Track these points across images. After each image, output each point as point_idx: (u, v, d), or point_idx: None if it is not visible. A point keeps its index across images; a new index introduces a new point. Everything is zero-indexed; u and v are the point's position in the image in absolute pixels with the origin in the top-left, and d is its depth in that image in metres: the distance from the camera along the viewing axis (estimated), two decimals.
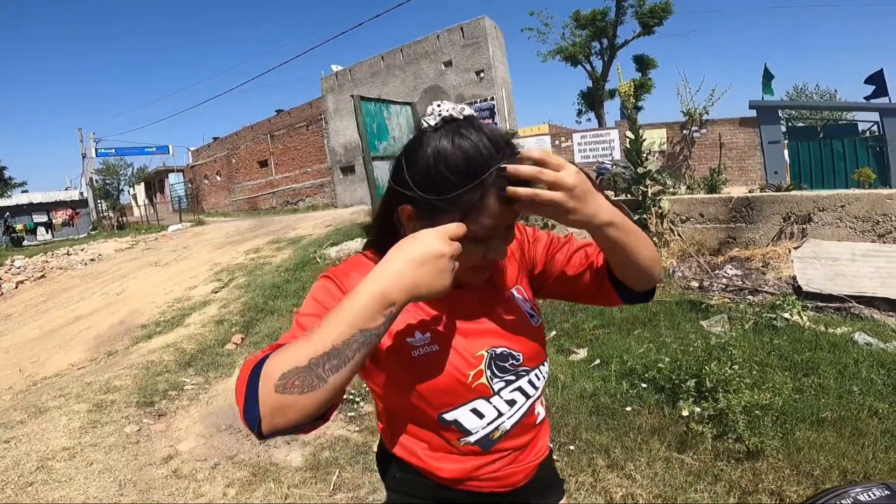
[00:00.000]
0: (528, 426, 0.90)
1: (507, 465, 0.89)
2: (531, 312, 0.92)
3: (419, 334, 0.80)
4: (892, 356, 2.94)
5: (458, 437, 0.84)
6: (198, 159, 26.61)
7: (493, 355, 0.85)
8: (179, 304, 5.77)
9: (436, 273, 0.64)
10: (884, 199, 5.26)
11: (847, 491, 0.63)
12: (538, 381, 0.91)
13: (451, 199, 0.71)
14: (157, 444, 2.82)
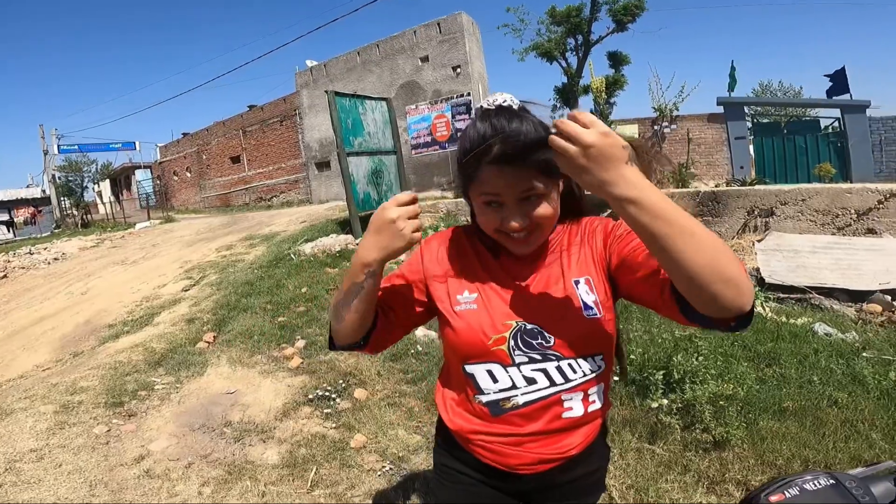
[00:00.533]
0: (549, 415, 0.91)
1: (510, 444, 0.93)
2: (589, 305, 0.89)
3: (468, 294, 0.93)
4: (850, 346, 3.06)
5: (474, 394, 0.93)
6: (166, 155, 25.93)
7: (523, 329, 0.89)
8: (148, 302, 5.63)
9: (391, 235, 0.82)
10: (843, 192, 5.47)
11: (793, 480, 0.66)
12: (572, 374, 0.90)
13: (459, 169, 0.88)
14: (127, 444, 2.76)
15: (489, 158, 0.80)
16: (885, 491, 0.65)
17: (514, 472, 0.95)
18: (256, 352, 3.85)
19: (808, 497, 0.63)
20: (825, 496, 0.63)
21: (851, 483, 0.64)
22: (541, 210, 0.84)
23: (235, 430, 2.87)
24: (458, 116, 13.03)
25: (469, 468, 1.00)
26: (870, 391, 2.56)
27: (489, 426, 0.94)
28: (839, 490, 0.64)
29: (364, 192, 7.23)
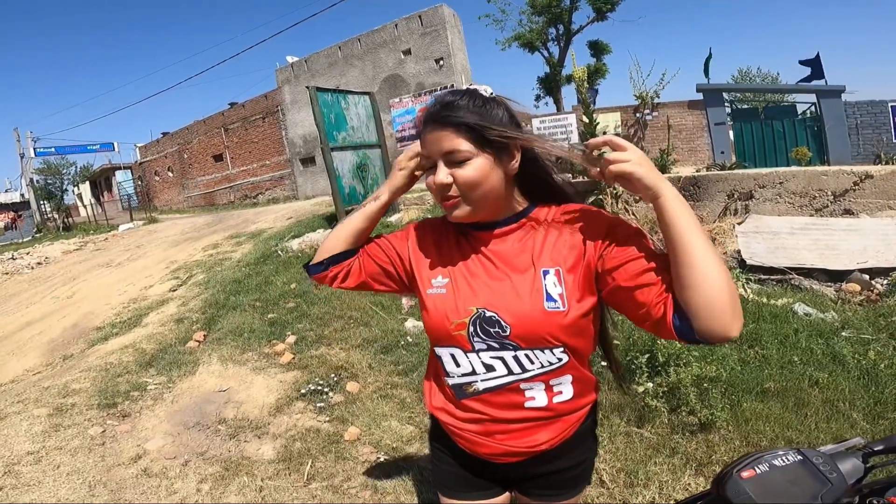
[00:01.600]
0: (509, 403, 0.92)
1: (478, 432, 0.95)
2: (553, 297, 0.87)
3: (441, 278, 0.97)
4: (829, 326, 3.12)
5: (444, 376, 0.98)
6: (146, 155, 25.55)
7: (482, 316, 0.91)
8: (135, 304, 5.59)
9: (394, 174, 1.05)
10: (819, 175, 5.58)
11: (762, 456, 0.69)
12: (528, 364, 0.90)
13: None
14: (123, 444, 2.77)
15: (428, 120, 0.91)
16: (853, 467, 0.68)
17: (488, 461, 0.98)
18: (247, 349, 3.86)
19: (777, 472, 0.67)
20: (793, 471, 0.66)
21: (818, 459, 0.68)
22: (464, 172, 0.86)
23: (230, 426, 2.89)
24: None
25: (451, 452, 1.06)
26: (850, 370, 2.61)
27: (457, 411, 0.98)
28: (807, 465, 0.67)
29: (350, 187, 7.23)
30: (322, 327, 4.08)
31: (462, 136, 0.86)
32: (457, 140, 0.86)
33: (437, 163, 0.89)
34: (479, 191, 0.88)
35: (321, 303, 4.55)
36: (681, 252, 0.76)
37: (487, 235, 0.96)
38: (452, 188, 0.88)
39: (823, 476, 0.65)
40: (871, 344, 2.85)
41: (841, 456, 0.70)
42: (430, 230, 1.05)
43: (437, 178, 0.88)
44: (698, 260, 0.75)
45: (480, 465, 1.01)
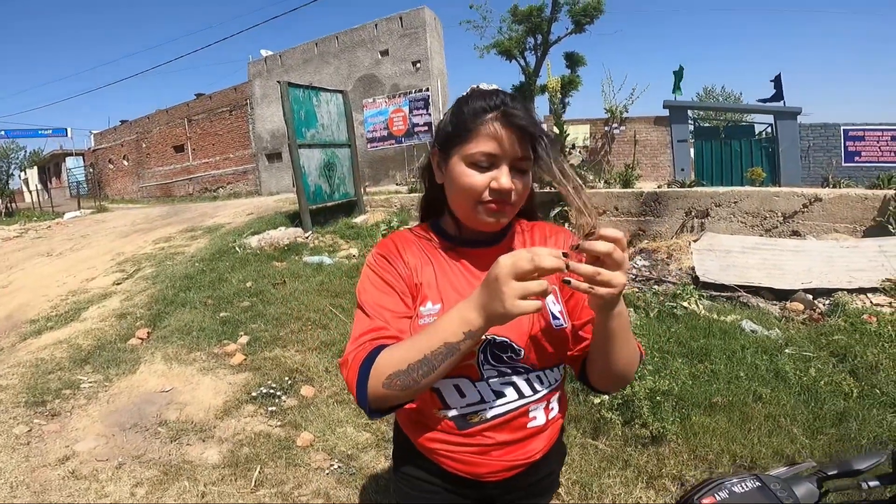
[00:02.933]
0: (514, 426, 0.90)
1: (477, 453, 0.91)
2: (556, 315, 0.90)
3: (430, 304, 0.87)
4: (773, 343, 3.25)
5: (439, 409, 0.90)
6: (101, 143, 24.58)
7: (492, 342, 0.87)
8: (75, 297, 5.25)
9: (491, 294, 0.69)
10: (772, 196, 5.84)
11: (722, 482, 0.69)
12: (539, 385, 0.90)
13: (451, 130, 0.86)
14: (50, 445, 2.60)
15: (500, 117, 0.81)
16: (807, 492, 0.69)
17: (480, 480, 0.94)
18: (195, 348, 3.68)
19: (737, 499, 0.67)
20: (752, 498, 0.67)
21: (776, 485, 0.68)
22: (525, 182, 0.85)
23: (171, 429, 2.74)
24: (416, 111, 12.92)
25: (433, 476, 0.98)
26: (791, 386, 2.72)
27: (456, 439, 0.91)
28: (765, 492, 0.67)
29: (315, 185, 7.10)
30: (278, 328, 3.94)
31: (530, 146, 0.82)
32: (528, 148, 0.82)
33: (501, 164, 0.83)
34: (523, 202, 0.88)
35: (278, 303, 4.41)
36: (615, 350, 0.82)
37: (482, 252, 0.92)
38: (513, 194, 0.84)
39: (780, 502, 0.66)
40: (812, 361, 2.98)
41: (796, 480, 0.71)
42: (410, 248, 0.94)
43: (503, 181, 0.82)
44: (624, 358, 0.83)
45: (465, 485, 0.96)
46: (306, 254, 5.90)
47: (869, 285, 4.14)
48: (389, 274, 0.90)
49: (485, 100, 0.83)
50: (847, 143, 10.59)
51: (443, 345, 0.74)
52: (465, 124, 0.84)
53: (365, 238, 6.52)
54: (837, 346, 3.13)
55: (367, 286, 0.90)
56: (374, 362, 0.78)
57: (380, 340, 0.82)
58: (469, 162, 0.83)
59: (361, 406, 0.81)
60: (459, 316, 0.73)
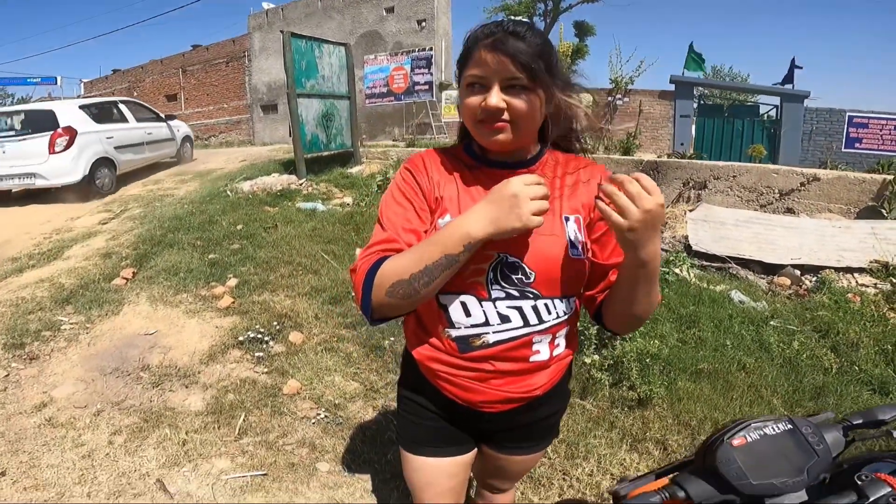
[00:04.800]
0: (516, 357, 0.91)
1: (476, 379, 0.92)
2: (576, 244, 0.89)
3: (449, 217, 0.88)
4: (759, 314, 3.29)
5: (445, 328, 0.91)
6: (91, 91, 24.19)
7: (504, 262, 0.87)
8: (59, 235, 5.12)
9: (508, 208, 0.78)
10: (770, 172, 5.82)
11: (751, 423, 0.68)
12: (546, 315, 0.90)
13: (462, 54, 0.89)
14: (27, 390, 2.53)
15: (490, 42, 0.84)
16: (835, 440, 0.68)
17: (477, 410, 0.94)
18: (182, 290, 3.61)
19: (767, 441, 0.65)
20: (782, 441, 0.66)
21: (807, 429, 0.67)
22: (520, 102, 0.85)
23: (154, 374, 2.69)
24: (418, 70, 12.66)
25: (431, 403, 1.00)
26: (774, 358, 2.77)
27: (456, 361, 0.92)
28: (796, 435, 0.66)
29: (312, 134, 7.01)
30: (268, 272, 3.87)
31: (525, 67, 0.83)
32: (520, 69, 0.83)
33: (491, 84, 0.85)
34: (529, 122, 0.88)
35: (269, 246, 4.33)
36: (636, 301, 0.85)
37: (508, 174, 0.90)
38: (504, 114, 0.85)
39: (811, 447, 0.65)
40: (795, 335, 3.02)
41: (826, 427, 0.70)
42: (436, 164, 0.96)
43: (491, 101, 0.84)
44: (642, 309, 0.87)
45: (461, 416, 0.98)
46: (300, 200, 5.81)
47: (857, 265, 4.19)
48: (411, 188, 0.93)
49: (482, 29, 0.87)
50: (850, 130, 10.60)
51: (442, 256, 0.80)
52: (465, 51, 0.89)
53: (360, 188, 6.41)
54: (821, 321, 3.18)
55: (388, 199, 0.94)
56: (379, 270, 0.83)
57: (388, 252, 0.86)
58: (466, 84, 0.88)
59: (365, 313, 0.86)
60: (460, 229, 0.80)
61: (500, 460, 1.08)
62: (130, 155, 7.86)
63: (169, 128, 9.12)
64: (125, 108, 8.15)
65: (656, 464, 2.04)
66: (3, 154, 6.55)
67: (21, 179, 6.62)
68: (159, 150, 8.86)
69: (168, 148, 9.17)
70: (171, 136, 9.19)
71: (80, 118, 6.92)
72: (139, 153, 8.15)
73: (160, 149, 8.88)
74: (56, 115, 6.66)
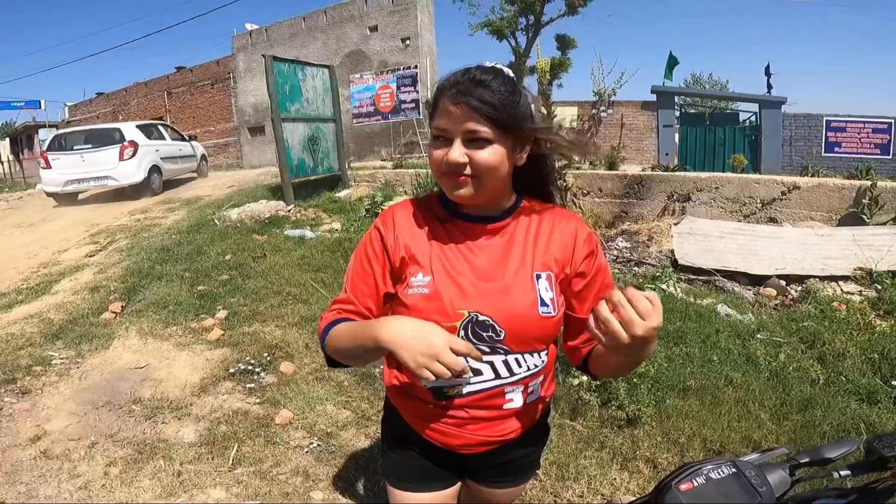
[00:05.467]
0: (490, 405, 0.93)
1: (453, 425, 0.95)
2: (546, 302, 0.90)
3: (421, 276, 0.90)
4: (746, 327, 3.30)
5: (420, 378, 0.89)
6: (76, 115, 24.02)
7: (475, 320, 0.89)
8: (46, 269, 5.09)
9: (420, 349, 0.78)
10: (752, 183, 5.93)
11: (700, 468, 0.71)
12: (517, 368, 0.92)
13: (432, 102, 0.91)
14: (21, 424, 2.53)
15: (453, 93, 0.84)
16: (780, 479, 0.71)
17: (455, 452, 0.98)
18: (171, 323, 3.61)
19: (712, 485, 0.68)
20: (728, 484, 0.68)
21: (751, 471, 0.70)
22: (483, 155, 0.85)
23: (146, 407, 2.69)
24: (404, 88, 12.73)
25: (413, 443, 1.03)
26: (761, 371, 2.77)
27: (434, 411, 0.96)
28: (740, 478, 0.69)
29: (299, 159, 7.02)
30: (257, 303, 3.88)
31: (488, 119, 0.84)
32: (482, 121, 0.83)
33: (453, 138, 0.86)
34: (493, 176, 0.88)
35: (258, 276, 4.33)
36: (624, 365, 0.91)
37: (479, 229, 0.94)
38: (467, 168, 0.86)
39: (754, 489, 0.67)
40: (782, 347, 3.03)
41: (770, 467, 0.73)
42: (408, 218, 0.97)
43: (451, 156, 0.85)
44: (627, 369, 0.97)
45: (442, 455, 1.01)
46: (288, 227, 5.81)
47: (841, 273, 4.25)
48: (374, 252, 0.96)
49: (449, 77, 0.88)
50: (829, 134, 10.76)
51: (359, 345, 0.86)
52: (433, 101, 0.90)
53: (348, 212, 6.43)
54: (807, 332, 3.19)
55: (355, 259, 0.98)
56: (330, 331, 0.92)
57: (343, 314, 0.94)
58: (433, 136, 0.89)
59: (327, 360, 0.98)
60: (375, 332, 0.83)
61: (484, 493, 1.11)
62: (170, 165, 9.84)
63: (192, 147, 11.09)
64: (163, 129, 10.28)
65: (647, 483, 2.06)
66: (82, 161, 8.60)
67: (97, 181, 8.67)
68: (187, 164, 10.81)
69: (192, 163, 11.05)
70: (194, 154, 11.12)
71: (138, 135, 9.03)
72: (175, 164, 10.14)
73: (187, 163, 10.83)
74: (123, 132, 8.92)
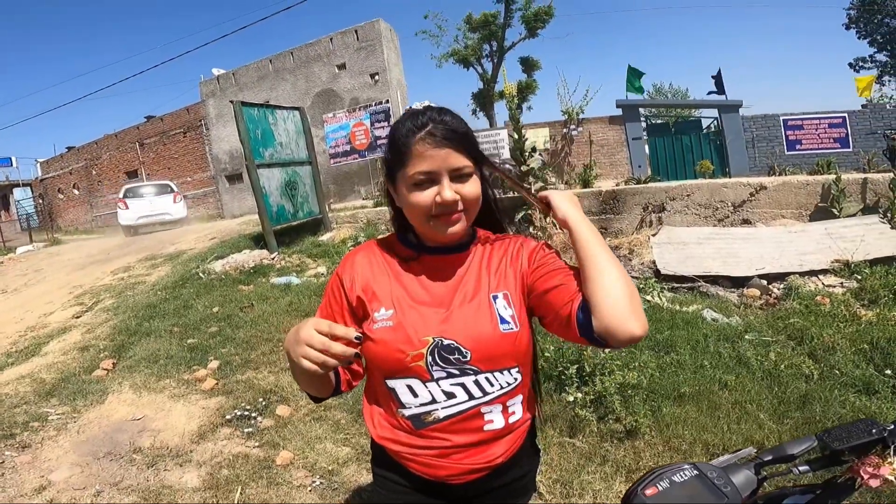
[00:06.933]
0: (469, 428, 0.93)
1: (437, 456, 0.94)
2: (506, 319, 0.93)
3: (384, 311, 0.94)
4: (734, 330, 3.34)
5: (397, 408, 0.95)
6: (49, 171, 23.61)
7: (440, 345, 0.91)
8: (33, 332, 5.01)
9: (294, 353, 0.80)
10: (720, 187, 6.11)
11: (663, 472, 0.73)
12: (489, 387, 0.93)
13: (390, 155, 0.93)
14: (25, 475, 2.53)
15: (426, 136, 0.87)
16: (746, 479, 0.74)
17: (444, 483, 0.96)
18: (164, 376, 3.59)
19: (677, 488, 0.71)
20: (691, 487, 0.71)
21: (713, 473, 0.72)
22: (470, 188, 0.91)
23: (147, 455, 2.68)
24: (377, 124, 12.87)
25: (403, 479, 1.02)
26: (754, 372, 2.80)
27: (414, 439, 0.95)
28: (703, 480, 0.71)
29: (278, 205, 6.97)
30: (248, 351, 3.87)
31: (466, 153, 0.90)
32: (463, 156, 0.89)
33: (440, 178, 0.89)
34: (477, 207, 0.94)
35: (247, 326, 4.33)
36: (586, 262, 0.88)
37: (441, 260, 0.98)
38: (459, 204, 0.90)
39: (719, 490, 0.69)
40: (771, 346, 3.07)
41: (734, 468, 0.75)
42: (363, 260, 1.01)
43: (446, 195, 0.88)
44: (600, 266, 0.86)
45: (432, 488, 0.99)
46: (273, 275, 5.80)
47: (819, 267, 4.35)
48: (333, 293, 1.00)
49: (412, 120, 0.90)
50: (787, 133, 11.13)
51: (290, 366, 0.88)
52: (400, 148, 0.91)
53: (332, 256, 6.44)
54: (794, 328, 3.23)
55: (322, 303, 1.03)
56: None
57: None
58: (411, 184, 0.90)
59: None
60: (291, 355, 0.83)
61: None
62: None
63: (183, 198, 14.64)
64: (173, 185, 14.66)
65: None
66: (150, 204, 13.14)
67: (159, 216, 13.05)
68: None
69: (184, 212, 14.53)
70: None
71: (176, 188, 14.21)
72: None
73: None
74: (172, 186, 14.14)
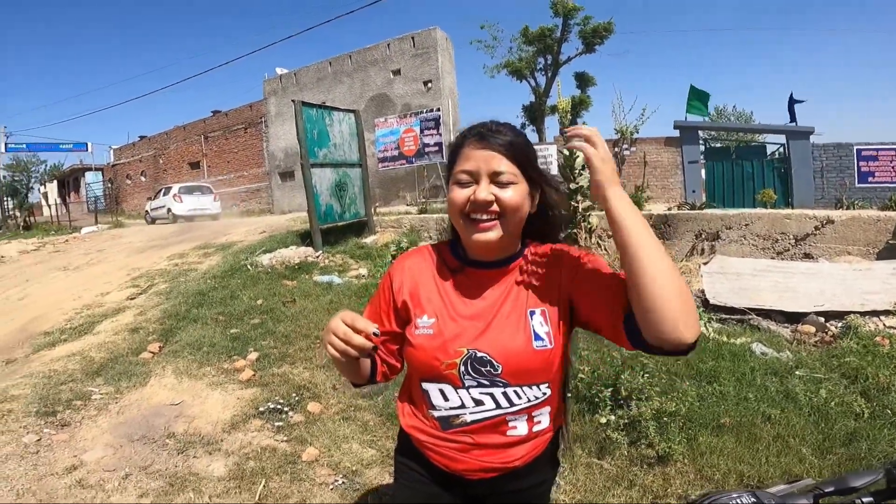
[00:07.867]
0: (494, 433, 0.98)
1: (458, 450, 1.00)
2: (541, 336, 0.95)
3: (426, 318, 0.99)
4: (784, 365, 3.21)
5: (428, 408, 1.01)
6: (120, 158, 25.15)
7: (473, 357, 0.95)
8: (89, 310, 5.33)
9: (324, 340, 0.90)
10: (782, 218, 5.81)
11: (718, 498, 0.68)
12: (517, 400, 0.96)
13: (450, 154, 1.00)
14: (59, 454, 2.64)
15: (475, 138, 0.94)
16: None
17: (462, 477, 1.01)
18: (205, 363, 3.73)
19: None
20: None
21: (771, 501, 0.68)
22: (508, 194, 0.92)
23: (179, 441, 2.78)
24: (427, 131, 13.01)
25: (423, 470, 1.07)
26: (801, 407, 2.69)
27: (441, 435, 1.01)
28: None
29: (327, 205, 7.13)
30: (287, 345, 3.97)
31: (511, 161, 0.92)
32: (507, 163, 0.92)
33: (480, 179, 0.92)
34: (517, 216, 0.95)
35: (288, 321, 4.44)
36: (630, 251, 0.80)
37: (485, 274, 1.01)
38: (493, 205, 0.92)
39: None
40: (823, 383, 2.93)
41: (792, 497, 0.71)
42: (414, 265, 1.06)
43: (480, 194, 0.91)
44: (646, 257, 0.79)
45: (449, 481, 1.04)
46: (316, 273, 5.95)
47: (882, 308, 4.09)
48: (383, 292, 1.06)
49: (472, 127, 0.97)
50: (860, 163, 10.39)
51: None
52: (454, 150, 0.98)
53: (374, 259, 6.54)
54: (849, 367, 3.09)
55: (372, 298, 1.10)
56: None
57: None
58: (455, 181, 0.95)
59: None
60: None
61: None
62: None
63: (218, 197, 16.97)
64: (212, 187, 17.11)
65: None
66: (197, 200, 15.63)
67: (202, 210, 15.48)
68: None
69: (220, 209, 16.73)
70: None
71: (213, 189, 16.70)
72: None
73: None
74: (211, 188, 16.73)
